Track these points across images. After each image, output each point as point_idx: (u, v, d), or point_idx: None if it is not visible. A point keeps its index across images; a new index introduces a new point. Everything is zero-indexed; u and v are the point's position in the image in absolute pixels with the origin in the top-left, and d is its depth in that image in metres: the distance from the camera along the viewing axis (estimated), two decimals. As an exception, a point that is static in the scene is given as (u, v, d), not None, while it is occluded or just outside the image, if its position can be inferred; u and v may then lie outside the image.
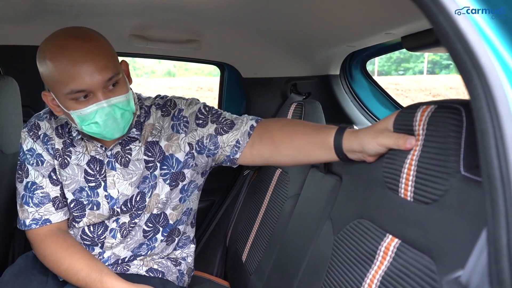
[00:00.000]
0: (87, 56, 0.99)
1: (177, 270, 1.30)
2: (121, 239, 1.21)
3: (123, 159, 1.17)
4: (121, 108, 1.05)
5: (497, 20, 0.47)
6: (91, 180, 1.18)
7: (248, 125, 1.15)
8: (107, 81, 1.00)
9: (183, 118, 1.18)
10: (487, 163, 0.45)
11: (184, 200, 1.24)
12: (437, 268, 0.66)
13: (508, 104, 0.45)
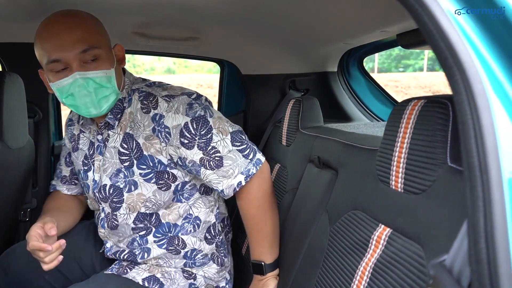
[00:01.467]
0: (65, 28, 1.05)
1: (188, 283, 1.24)
2: (109, 230, 1.23)
3: (101, 146, 1.20)
4: (97, 83, 1.07)
5: (477, 20, 0.50)
6: (86, 163, 1.26)
7: (236, 180, 1.12)
8: (81, 53, 1.04)
9: (165, 127, 1.10)
10: (467, 152, 0.49)
11: (178, 199, 1.20)
12: (425, 254, 0.70)
13: (487, 97, 0.48)
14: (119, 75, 1.16)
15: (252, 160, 1.15)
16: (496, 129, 0.48)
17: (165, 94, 1.13)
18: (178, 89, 1.17)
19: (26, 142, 1.44)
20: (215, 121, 1.14)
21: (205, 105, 1.15)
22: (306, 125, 1.47)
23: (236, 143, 1.14)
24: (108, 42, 1.14)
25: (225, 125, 1.15)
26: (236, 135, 1.15)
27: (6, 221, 1.48)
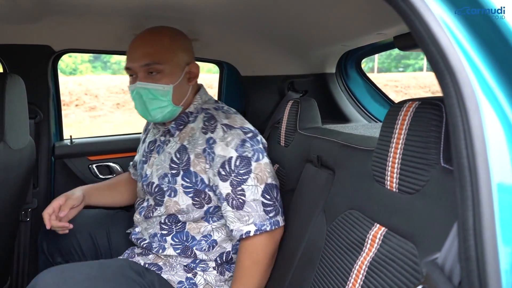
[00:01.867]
0: (139, 43, 1.25)
1: (186, 276, 1.28)
2: (143, 218, 1.34)
3: (161, 147, 1.33)
4: (153, 94, 1.22)
5: (468, 25, 0.52)
6: (145, 156, 1.41)
7: (247, 228, 1.17)
8: (144, 65, 1.21)
9: (213, 153, 1.19)
10: (457, 153, 0.50)
11: (206, 220, 1.27)
12: (418, 252, 0.71)
13: (476, 100, 0.50)
14: (183, 90, 1.27)
15: (271, 219, 1.19)
16: (485, 131, 0.50)
17: (225, 122, 1.21)
18: (239, 122, 1.24)
19: (27, 143, 1.45)
20: (257, 167, 1.19)
21: (256, 147, 1.21)
22: (304, 126, 1.48)
23: (266, 196, 1.19)
24: (178, 59, 1.25)
25: (265, 174, 1.20)
26: (270, 188, 1.20)
27: (7, 221, 1.49)
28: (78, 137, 1.97)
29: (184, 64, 1.26)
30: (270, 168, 1.23)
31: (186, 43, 1.30)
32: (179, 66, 1.25)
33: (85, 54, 10.24)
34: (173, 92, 1.24)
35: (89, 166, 1.91)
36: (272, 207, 1.20)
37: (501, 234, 0.48)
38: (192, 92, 1.32)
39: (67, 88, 10.22)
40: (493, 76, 0.51)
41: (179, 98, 1.26)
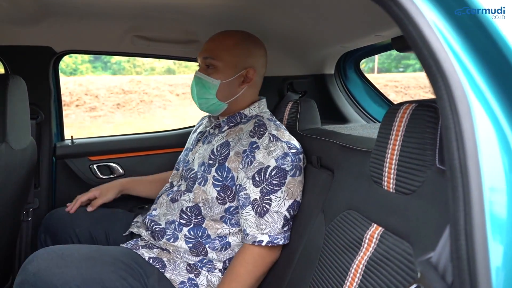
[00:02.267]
0: (209, 40, 1.38)
1: (188, 276, 1.28)
2: (168, 200, 1.38)
3: (208, 138, 1.41)
4: (201, 85, 1.34)
5: (459, 29, 0.53)
6: (192, 144, 1.49)
7: (261, 237, 1.19)
8: (203, 58, 1.34)
9: (253, 157, 1.22)
10: (449, 155, 0.52)
11: (225, 221, 1.29)
12: (414, 251, 0.73)
13: (468, 103, 0.51)
14: (232, 89, 1.34)
15: (285, 233, 1.22)
16: (477, 133, 0.51)
17: (274, 133, 1.25)
18: (286, 136, 1.27)
19: (28, 143, 1.46)
20: (291, 181, 1.21)
21: (296, 164, 1.23)
22: (304, 127, 1.50)
23: (290, 211, 1.22)
24: (236, 61, 1.33)
25: (297, 191, 1.23)
26: (296, 205, 1.23)
27: (9, 221, 1.50)
28: (79, 137, 1.98)
29: (241, 67, 1.33)
30: (302, 186, 1.26)
31: (253, 50, 1.36)
32: (234, 67, 1.32)
33: (86, 55, 10.26)
34: (220, 87, 1.32)
35: (90, 166, 1.92)
36: (287, 222, 1.22)
37: (492, 234, 0.49)
38: (245, 96, 1.37)
39: (67, 88, 10.23)
40: (484, 79, 0.53)
41: (225, 95, 1.34)
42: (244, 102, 1.38)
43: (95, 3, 1.42)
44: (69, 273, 1.12)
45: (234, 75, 1.33)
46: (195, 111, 1.50)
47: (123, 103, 10.49)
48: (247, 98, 1.38)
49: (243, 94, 1.36)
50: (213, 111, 1.38)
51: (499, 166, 0.52)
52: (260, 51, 1.38)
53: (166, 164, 1.99)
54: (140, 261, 1.26)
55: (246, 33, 1.38)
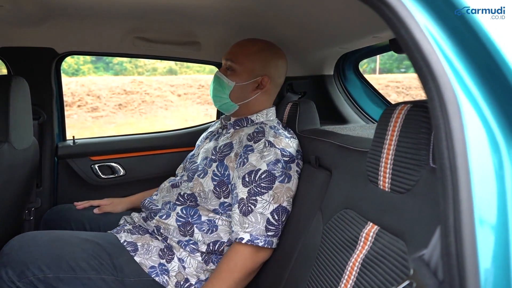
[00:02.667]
0: (234, 44, 1.46)
1: (159, 262, 1.31)
2: (169, 186, 1.46)
3: (215, 137, 1.49)
4: (218, 84, 1.43)
5: (450, 32, 0.55)
6: (202, 141, 1.57)
7: (242, 235, 1.22)
8: (225, 60, 1.43)
9: (246, 159, 1.27)
10: (439, 154, 0.53)
11: (217, 212, 1.34)
12: (408, 249, 0.74)
13: (457, 104, 0.53)
14: (245, 93, 1.42)
15: (268, 237, 1.23)
16: (466, 133, 0.52)
17: (270, 140, 1.29)
18: (283, 144, 1.30)
19: (31, 143, 1.48)
20: (278, 187, 1.25)
21: (286, 171, 1.27)
22: (303, 128, 1.51)
23: (274, 215, 1.24)
24: (253, 67, 1.40)
25: (283, 197, 1.26)
26: (281, 210, 1.25)
27: (11, 220, 1.53)
28: (81, 138, 2.00)
29: (257, 74, 1.41)
30: (291, 194, 1.28)
31: (271, 60, 1.42)
32: (250, 73, 1.40)
33: (87, 56, 10.28)
34: (234, 89, 1.41)
35: (92, 166, 1.94)
36: (274, 228, 1.24)
37: (481, 231, 0.51)
38: (257, 101, 1.44)
39: (69, 89, 10.25)
40: (474, 81, 0.54)
41: (237, 97, 1.42)
42: (255, 107, 1.45)
43: (97, 5, 1.44)
44: (38, 252, 1.20)
45: (249, 80, 1.40)
46: (196, 112, 1.53)
47: (125, 103, 10.51)
48: (259, 103, 1.45)
49: (255, 99, 1.44)
50: (225, 110, 1.47)
51: (488, 165, 0.53)
52: (279, 61, 1.45)
53: (166, 164, 2.01)
54: (114, 243, 1.31)
55: (269, 43, 1.46)
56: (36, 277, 1.17)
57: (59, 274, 1.19)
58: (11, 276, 1.16)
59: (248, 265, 1.24)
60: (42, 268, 1.18)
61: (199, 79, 11.60)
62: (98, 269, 1.22)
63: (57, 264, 1.19)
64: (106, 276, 1.23)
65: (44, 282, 1.17)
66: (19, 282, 1.16)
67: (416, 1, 0.56)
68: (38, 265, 1.18)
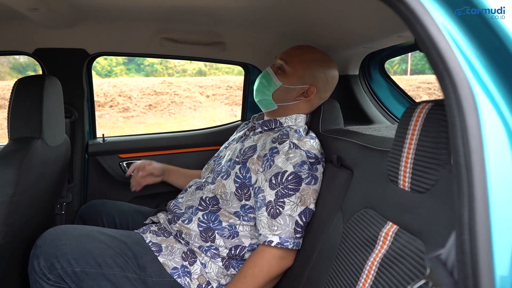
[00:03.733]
0: (293, 47, 1.47)
1: (182, 264, 1.33)
2: (194, 189, 1.47)
3: (242, 139, 1.50)
4: (266, 79, 1.45)
5: (467, 28, 0.54)
6: (229, 143, 1.59)
7: (271, 237, 1.23)
8: (279, 59, 1.45)
9: (272, 161, 1.28)
10: (454, 151, 0.53)
11: (238, 216, 1.35)
12: (426, 249, 0.73)
13: (474, 101, 0.52)
14: (288, 95, 1.43)
15: (296, 239, 1.25)
16: (483, 130, 0.52)
17: (294, 142, 1.31)
18: (307, 146, 1.31)
19: (63, 140, 1.54)
20: (305, 189, 1.26)
21: (313, 173, 1.28)
22: (326, 127, 1.51)
23: (302, 217, 1.25)
24: (304, 74, 1.42)
25: (310, 199, 1.27)
26: (308, 212, 1.26)
27: (44, 214, 1.59)
28: (110, 136, 2.07)
29: (305, 82, 1.42)
30: (316, 195, 1.29)
31: (322, 73, 1.44)
32: (299, 78, 1.42)
33: (120, 57, 10.54)
34: (278, 89, 1.43)
35: (120, 163, 2.00)
36: (301, 229, 1.25)
37: (496, 229, 0.50)
38: (296, 107, 1.46)
39: (102, 89, 10.54)
40: (491, 78, 0.53)
41: (279, 98, 1.44)
42: (292, 112, 1.46)
43: (126, 8, 1.49)
44: (68, 246, 1.24)
45: (297, 85, 1.42)
46: (224, 113, 1.56)
47: (155, 104, 10.72)
48: (297, 109, 1.46)
49: (295, 105, 1.45)
50: (263, 105, 1.50)
51: (507, 162, 0.53)
52: (329, 77, 1.46)
53: (192, 163, 2.05)
54: (140, 243, 1.34)
55: (327, 57, 1.47)
56: (64, 270, 1.22)
57: (86, 269, 1.23)
58: (43, 267, 1.21)
59: (273, 271, 1.25)
60: (70, 261, 1.22)
61: (228, 80, 11.69)
62: (123, 266, 1.26)
63: (85, 259, 1.24)
64: (129, 274, 1.26)
65: (71, 275, 1.22)
66: (50, 274, 1.21)
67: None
68: (67, 259, 1.22)
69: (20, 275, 1.37)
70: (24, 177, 1.19)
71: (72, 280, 1.22)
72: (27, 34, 1.71)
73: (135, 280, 1.26)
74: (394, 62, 2.77)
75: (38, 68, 1.89)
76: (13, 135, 1.29)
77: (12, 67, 11.35)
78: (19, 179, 1.16)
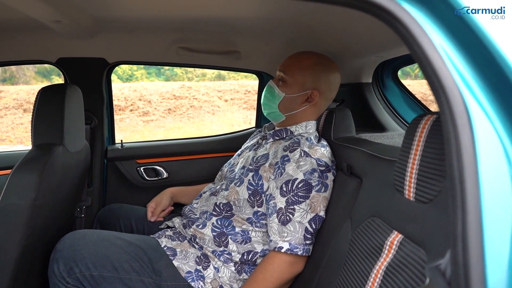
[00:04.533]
0: (289, 56, 1.50)
1: (196, 268, 1.36)
2: (208, 195, 1.51)
3: (254, 148, 1.53)
4: (269, 93, 1.49)
5: (462, 47, 0.56)
6: (242, 151, 1.62)
7: (281, 244, 1.25)
8: (279, 71, 1.48)
9: (283, 169, 1.31)
10: (449, 165, 0.55)
11: (250, 222, 1.38)
12: (427, 259, 0.75)
13: (468, 117, 0.54)
14: (293, 104, 1.46)
15: (306, 245, 1.27)
16: (477, 145, 0.54)
17: (305, 150, 1.33)
18: (318, 154, 1.33)
19: (83, 146, 1.59)
20: (315, 196, 1.28)
21: (323, 180, 1.30)
22: (338, 135, 1.52)
23: (312, 224, 1.27)
24: (304, 80, 1.44)
25: (320, 206, 1.29)
26: (318, 219, 1.28)
27: (65, 216, 1.64)
28: (128, 142, 2.13)
29: (307, 87, 1.45)
30: (326, 202, 1.31)
31: (323, 74, 1.46)
32: (301, 86, 1.44)
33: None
34: (283, 100, 1.46)
35: (137, 168, 2.05)
36: (311, 236, 1.27)
37: (489, 241, 0.52)
38: (304, 113, 1.48)
39: (123, 94, 10.72)
40: (486, 95, 0.55)
41: (285, 108, 1.47)
42: (302, 119, 1.49)
43: (144, 19, 1.54)
44: (86, 251, 1.28)
45: (299, 92, 1.45)
46: (242, 117, 1.60)
47: (174, 108, 10.85)
48: (306, 116, 1.49)
49: (303, 112, 1.48)
50: (272, 118, 1.53)
51: (502, 177, 0.54)
52: (330, 76, 1.48)
53: (207, 168, 2.09)
54: (155, 247, 1.37)
55: (323, 57, 1.48)
56: (82, 273, 1.26)
57: (103, 273, 1.27)
58: (62, 271, 1.26)
59: (284, 276, 1.27)
60: (88, 266, 1.27)
61: (246, 85, 11.74)
62: (139, 271, 1.30)
63: (102, 263, 1.28)
64: (145, 279, 1.30)
65: (89, 279, 1.26)
66: (68, 277, 1.26)
67: (429, 19, 0.58)
68: (86, 263, 1.27)
69: (41, 277, 1.42)
70: (46, 182, 1.24)
71: (90, 283, 1.26)
72: (51, 44, 1.79)
73: (150, 285, 1.30)
74: (415, 65, 2.77)
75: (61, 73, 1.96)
76: (36, 141, 1.34)
77: (37, 71, 11.70)
78: (41, 184, 1.22)
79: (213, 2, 1.34)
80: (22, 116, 9.69)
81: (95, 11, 1.43)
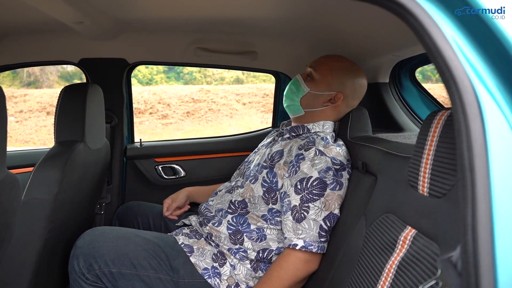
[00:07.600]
0: (323, 55, 1.53)
1: (212, 265, 1.38)
2: (223, 192, 1.53)
3: (270, 144, 1.54)
4: (294, 85, 1.51)
5: (472, 37, 0.57)
6: (259, 148, 1.64)
7: (296, 241, 1.26)
8: (309, 66, 1.50)
9: (298, 167, 1.32)
10: (460, 155, 0.55)
11: (265, 219, 1.39)
12: (440, 252, 0.75)
13: (479, 107, 0.54)
14: (315, 101, 1.48)
15: (321, 243, 1.27)
16: (488, 135, 0.54)
17: (320, 149, 1.34)
18: (333, 153, 1.34)
19: (103, 144, 1.64)
20: (329, 194, 1.29)
21: (337, 179, 1.31)
22: (354, 135, 1.52)
23: (326, 222, 1.28)
24: (331, 81, 1.46)
25: (334, 204, 1.29)
26: (332, 217, 1.29)
27: (85, 213, 1.69)
28: (147, 141, 2.17)
29: (333, 89, 1.47)
30: (341, 200, 1.31)
31: (350, 81, 1.48)
32: (327, 85, 1.46)
33: (160, 66, 10.86)
34: (306, 95, 1.48)
35: (156, 167, 2.09)
36: (325, 234, 1.28)
37: (499, 231, 0.52)
38: (323, 113, 1.50)
39: (142, 97, 10.88)
40: (497, 84, 0.55)
41: (306, 104, 1.49)
42: (320, 118, 1.50)
43: (163, 20, 1.58)
44: (105, 248, 1.31)
45: (324, 91, 1.47)
46: (260, 120, 1.61)
47: (193, 111, 10.95)
48: (324, 116, 1.50)
49: (322, 111, 1.49)
50: (291, 111, 1.54)
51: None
52: (357, 85, 1.50)
53: (224, 167, 2.11)
54: (172, 245, 1.39)
55: (355, 66, 1.51)
56: (101, 270, 1.29)
57: (122, 270, 1.30)
58: (82, 267, 1.29)
59: (299, 274, 1.27)
60: (107, 262, 1.30)
61: (264, 88, 11.76)
62: (156, 268, 1.32)
63: (121, 260, 1.31)
64: (163, 276, 1.32)
65: (108, 276, 1.29)
66: (88, 274, 1.29)
67: (441, 11, 0.58)
68: (105, 260, 1.30)
69: (61, 272, 1.46)
70: (68, 177, 1.28)
71: (108, 280, 1.29)
72: (73, 45, 1.85)
73: (168, 282, 1.32)
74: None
75: (83, 77, 2.02)
76: (58, 138, 1.39)
77: (60, 75, 11.99)
78: (63, 179, 1.26)
79: (231, 3, 1.36)
80: (45, 119, 9.94)
81: (116, 12, 1.47)
